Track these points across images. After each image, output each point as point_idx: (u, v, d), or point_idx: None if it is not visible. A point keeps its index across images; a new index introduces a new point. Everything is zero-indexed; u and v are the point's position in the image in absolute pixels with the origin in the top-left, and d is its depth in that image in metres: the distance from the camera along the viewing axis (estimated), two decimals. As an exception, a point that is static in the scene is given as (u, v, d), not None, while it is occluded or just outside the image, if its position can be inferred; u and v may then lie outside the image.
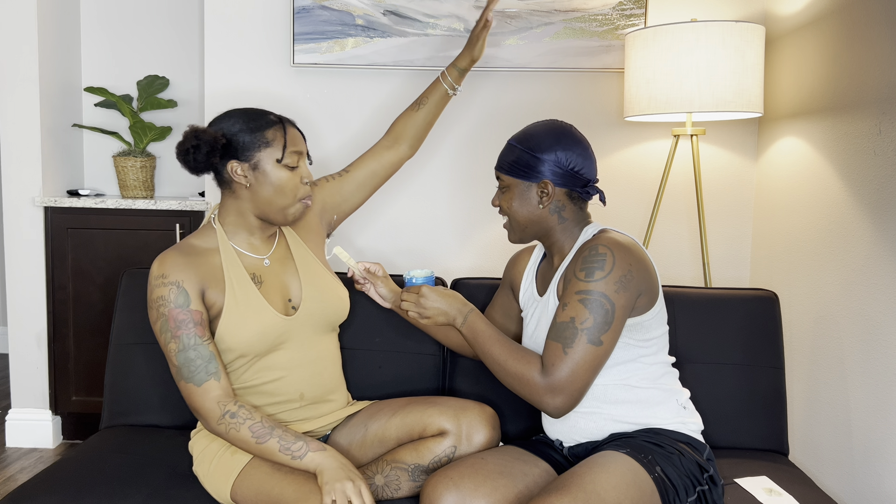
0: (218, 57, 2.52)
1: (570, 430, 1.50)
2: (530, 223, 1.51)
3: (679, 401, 1.50)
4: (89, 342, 2.71)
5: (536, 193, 1.48)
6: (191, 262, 1.50)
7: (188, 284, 1.47)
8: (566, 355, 1.35)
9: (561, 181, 1.47)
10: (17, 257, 2.70)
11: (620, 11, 2.40)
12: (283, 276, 1.59)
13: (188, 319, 1.45)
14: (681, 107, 2.03)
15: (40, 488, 1.48)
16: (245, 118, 1.52)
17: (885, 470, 1.72)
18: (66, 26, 2.84)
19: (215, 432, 1.44)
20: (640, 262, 1.41)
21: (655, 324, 1.47)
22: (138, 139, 2.82)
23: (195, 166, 1.49)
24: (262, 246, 1.59)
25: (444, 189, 2.54)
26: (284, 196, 1.52)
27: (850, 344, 1.86)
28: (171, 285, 1.46)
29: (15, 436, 2.75)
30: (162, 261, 1.49)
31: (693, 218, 2.51)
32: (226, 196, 1.56)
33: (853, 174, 1.87)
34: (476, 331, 1.47)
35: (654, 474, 1.34)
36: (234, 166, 1.50)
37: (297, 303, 1.59)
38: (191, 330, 1.44)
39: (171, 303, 1.45)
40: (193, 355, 1.43)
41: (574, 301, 1.37)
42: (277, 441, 1.40)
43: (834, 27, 1.97)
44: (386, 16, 2.44)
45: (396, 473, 1.51)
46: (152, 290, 1.48)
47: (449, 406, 1.57)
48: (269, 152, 1.50)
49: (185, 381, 1.43)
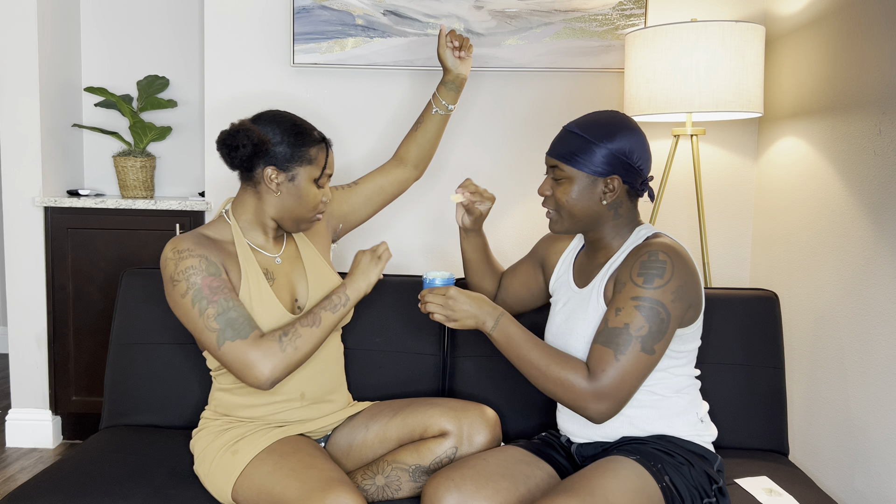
0: (218, 57, 2.52)
1: (584, 427, 1.49)
2: (585, 216, 1.44)
3: (698, 413, 1.48)
4: (89, 342, 2.71)
5: (601, 188, 1.42)
6: (210, 243, 1.52)
7: (214, 258, 1.49)
8: (617, 362, 1.32)
9: (627, 177, 1.41)
10: (17, 257, 2.69)
11: (620, 11, 2.40)
12: (292, 275, 1.61)
13: (223, 286, 1.46)
14: (681, 107, 2.03)
15: (40, 488, 1.47)
16: (293, 129, 1.54)
17: (885, 470, 1.72)
18: (66, 26, 2.84)
19: (282, 366, 1.44)
20: (694, 273, 1.39)
21: (693, 337, 1.45)
22: (138, 139, 2.82)
23: (235, 163, 1.51)
24: (274, 245, 1.61)
25: (443, 189, 2.54)
26: (306, 210, 1.56)
27: (850, 344, 1.86)
28: (200, 257, 1.47)
29: (15, 436, 2.75)
30: (179, 240, 1.50)
31: (693, 218, 2.51)
32: (248, 194, 1.57)
33: (853, 174, 1.87)
34: (509, 335, 1.41)
35: (662, 483, 1.32)
36: (271, 173, 1.52)
37: (304, 303, 1.60)
38: (227, 294, 1.46)
39: (203, 271, 1.46)
40: (235, 315, 1.44)
41: (629, 307, 1.34)
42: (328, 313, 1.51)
43: (834, 27, 1.97)
44: (386, 16, 2.44)
45: (397, 474, 1.51)
46: (178, 263, 1.47)
47: (450, 407, 1.57)
48: (309, 170, 1.53)
49: (232, 340, 1.43)
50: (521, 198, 2.54)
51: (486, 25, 2.43)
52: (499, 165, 2.52)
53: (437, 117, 1.83)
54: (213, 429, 1.56)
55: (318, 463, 1.43)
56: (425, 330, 1.87)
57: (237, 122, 1.51)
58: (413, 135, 1.85)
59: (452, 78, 1.81)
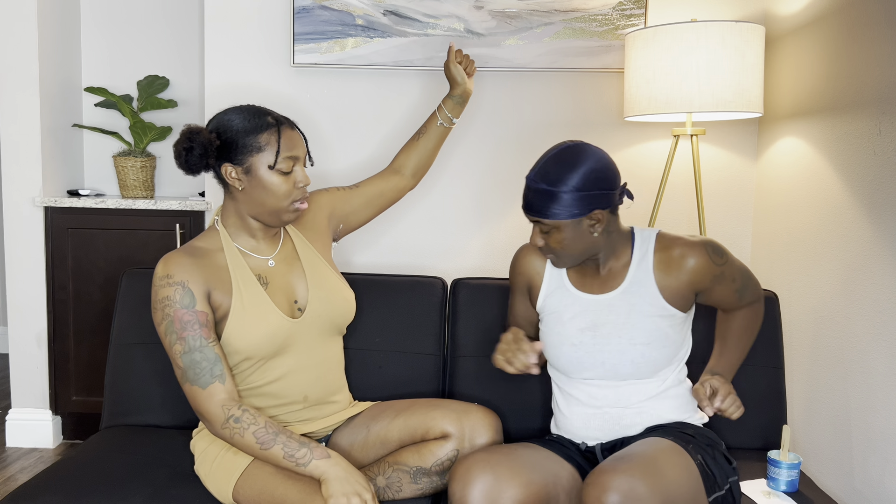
0: (218, 57, 2.52)
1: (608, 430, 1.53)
2: (584, 251, 1.49)
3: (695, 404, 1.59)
4: (89, 342, 2.71)
5: (587, 225, 1.45)
6: (196, 263, 1.48)
7: (193, 285, 1.45)
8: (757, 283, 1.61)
9: (605, 203, 1.44)
10: (17, 257, 2.69)
11: (620, 11, 2.41)
12: (289, 276, 1.58)
13: (194, 321, 1.43)
14: (681, 107, 2.03)
15: (40, 488, 1.48)
16: (242, 119, 1.50)
17: (885, 470, 1.72)
18: (66, 26, 2.84)
19: (219, 436, 1.43)
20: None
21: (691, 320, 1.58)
22: (138, 139, 2.82)
23: (189, 167, 1.47)
24: (267, 247, 1.58)
25: (443, 189, 2.54)
26: (278, 200, 1.50)
27: (850, 343, 1.86)
28: (177, 286, 1.44)
29: (15, 436, 2.75)
30: (167, 261, 1.47)
31: (693, 218, 2.51)
32: (226, 197, 1.56)
33: (853, 174, 1.87)
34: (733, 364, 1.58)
35: (696, 460, 1.39)
36: (228, 169, 1.49)
37: (304, 304, 1.57)
38: (196, 331, 1.43)
39: (177, 303, 1.43)
40: (199, 357, 1.42)
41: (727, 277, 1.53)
42: (282, 448, 1.39)
43: (834, 27, 1.97)
44: (386, 16, 2.44)
45: (398, 475, 1.51)
46: (157, 291, 1.46)
47: (452, 409, 1.56)
48: (262, 157, 1.48)
49: (191, 383, 1.42)
50: (520, 197, 2.54)
51: (486, 25, 2.43)
52: (498, 165, 2.52)
53: (440, 129, 1.87)
54: None
55: None
56: (425, 330, 1.87)
57: (186, 127, 1.48)
58: (413, 144, 1.87)
59: (459, 92, 1.88)
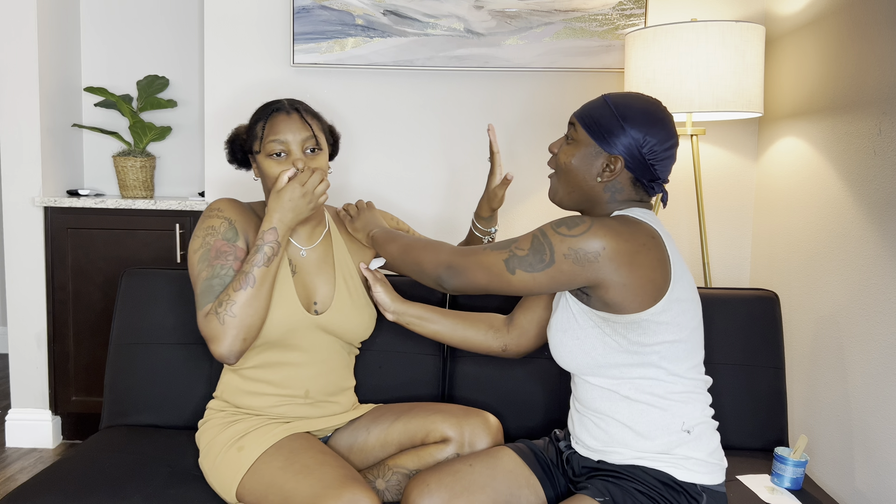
0: (218, 56, 2.52)
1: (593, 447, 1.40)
2: (578, 189, 1.37)
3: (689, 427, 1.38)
4: (89, 342, 2.71)
5: (602, 163, 1.34)
6: (248, 213, 1.56)
7: (239, 225, 1.52)
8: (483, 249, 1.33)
9: (632, 164, 1.33)
10: (17, 257, 2.69)
11: (620, 11, 2.41)
12: (315, 275, 1.60)
13: (230, 252, 1.48)
14: (681, 107, 2.03)
15: (40, 488, 1.47)
16: (254, 112, 1.59)
17: (885, 470, 1.72)
18: (66, 26, 2.84)
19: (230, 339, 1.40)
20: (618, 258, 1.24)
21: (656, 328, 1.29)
22: (138, 139, 2.82)
23: (235, 160, 1.61)
24: (304, 237, 1.61)
25: (440, 188, 2.54)
26: (272, 184, 1.52)
27: (851, 344, 1.86)
28: (224, 220, 1.51)
29: (15, 436, 2.75)
30: (222, 200, 1.56)
31: (693, 218, 2.51)
32: None
33: (853, 174, 1.87)
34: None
35: None
36: (252, 161, 1.59)
37: (322, 308, 1.58)
38: (228, 262, 1.47)
39: (220, 234, 1.49)
40: (216, 283, 1.44)
41: (527, 234, 1.31)
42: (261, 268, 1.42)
43: (834, 27, 1.97)
44: (386, 16, 2.44)
45: (397, 478, 1.51)
46: (204, 219, 1.52)
47: (452, 413, 1.56)
48: (257, 145, 1.54)
49: (199, 308, 1.44)
50: (521, 197, 2.54)
51: (486, 25, 2.43)
52: (499, 165, 2.52)
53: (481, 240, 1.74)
54: (219, 420, 1.55)
55: (331, 460, 1.41)
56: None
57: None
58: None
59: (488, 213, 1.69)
